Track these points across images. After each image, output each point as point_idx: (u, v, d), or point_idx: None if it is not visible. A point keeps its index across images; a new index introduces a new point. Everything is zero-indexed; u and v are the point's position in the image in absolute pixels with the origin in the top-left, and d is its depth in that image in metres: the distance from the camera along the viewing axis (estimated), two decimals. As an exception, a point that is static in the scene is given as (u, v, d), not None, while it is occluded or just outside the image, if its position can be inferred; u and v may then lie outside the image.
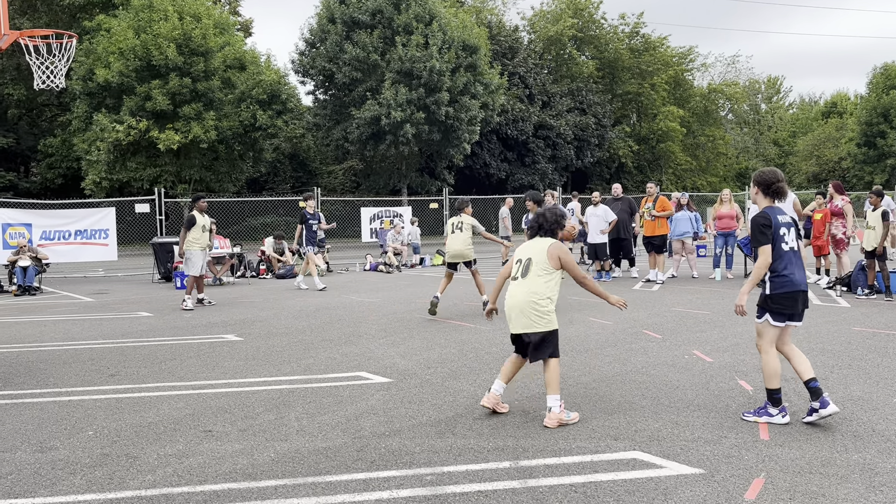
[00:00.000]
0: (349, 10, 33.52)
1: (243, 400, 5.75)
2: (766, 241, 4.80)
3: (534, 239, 5.27)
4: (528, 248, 5.20)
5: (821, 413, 4.68)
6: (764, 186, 4.95)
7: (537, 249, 5.12)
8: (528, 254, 5.14)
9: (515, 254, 5.27)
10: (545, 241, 5.16)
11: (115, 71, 28.43)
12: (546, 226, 5.22)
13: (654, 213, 13.68)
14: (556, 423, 4.86)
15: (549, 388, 4.94)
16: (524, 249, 5.22)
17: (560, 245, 5.14)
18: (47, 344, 8.55)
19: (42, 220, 18.05)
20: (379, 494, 3.81)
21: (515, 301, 5.05)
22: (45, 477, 4.16)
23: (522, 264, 5.13)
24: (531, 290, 5.00)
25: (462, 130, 34.08)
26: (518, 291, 5.06)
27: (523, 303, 5.00)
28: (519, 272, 5.13)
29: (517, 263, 5.18)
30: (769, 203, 4.96)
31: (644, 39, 50.65)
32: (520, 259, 5.19)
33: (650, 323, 8.94)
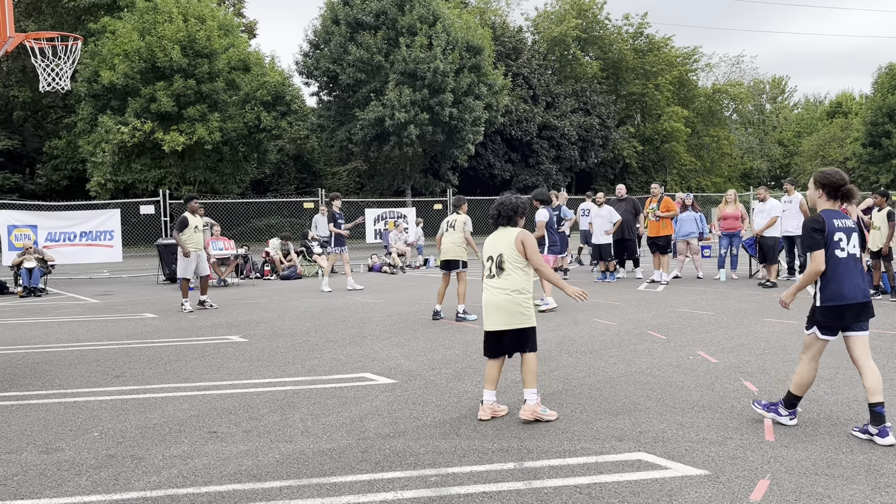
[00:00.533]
0: (353, 11, 33.55)
1: (248, 401, 5.75)
2: (816, 247, 4.49)
3: (497, 231, 5.22)
4: (495, 242, 5.15)
5: (875, 441, 4.38)
6: (831, 189, 4.59)
7: (505, 242, 5.07)
8: (497, 249, 5.10)
9: (484, 249, 5.24)
10: (510, 231, 5.10)
11: (120, 73, 28.51)
12: (504, 212, 5.14)
13: (658, 213, 13.66)
14: (531, 416, 4.90)
15: (527, 382, 4.99)
16: (491, 244, 5.18)
17: (525, 232, 5.09)
18: (52, 345, 8.57)
19: (47, 222, 18.11)
20: (383, 496, 3.81)
21: (495, 299, 5.03)
22: (51, 478, 4.17)
23: (494, 262, 5.09)
24: (511, 286, 4.99)
25: (466, 131, 34.07)
26: (496, 289, 5.04)
27: (504, 301, 4.98)
28: (493, 269, 5.09)
29: (488, 260, 5.15)
30: (831, 206, 4.63)
31: (648, 40, 50.57)
32: (490, 256, 5.14)
33: (655, 324, 8.93)
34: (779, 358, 6.79)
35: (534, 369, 5.00)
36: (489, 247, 5.20)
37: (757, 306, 10.24)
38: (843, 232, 4.54)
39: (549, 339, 8.07)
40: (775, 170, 65.49)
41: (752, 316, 9.37)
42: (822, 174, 4.67)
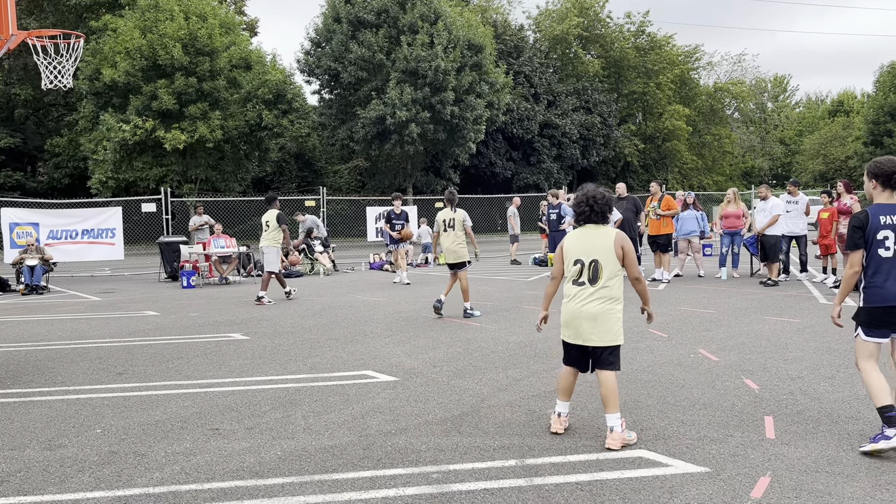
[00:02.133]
0: (354, 9, 33.53)
1: (250, 398, 5.77)
2: (853, 246, 4.31)
3: (585, 229, 4.60)
4: (586, 243, 4.54)
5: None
6: (884, 177, 4.31)
7: (602, 247, 4.47)
8: (592, 253, 4.49)
9: (567, 250, 4.61)
10: (605, 233, 4.53)
11: (122, 71, 28.51)
12: (598, 207, 4.53)
13: (659, 212, 13.66)
14: (619, 445, 4.36)
15: (609, 406, 4.43)
16: (580, 246, 4.55)
17: (623, 236, 4.55)
18: (55, 343, 8.59)
19: (49, 220, 18.14)
20: (385, 492, 3.82)
21: (588, 311, 4.46)
22: (54, 475, 4.18)
23: (588, 267, 4.50)
24: (608, 297, 4.46)
25: (467, 130, 34.06)
26: (590, 299, 4.46)
27: (599, 313, 4.44)
28: (586, 277, 4.50)
29: (577, 264, 4.53)
30: (888, 198, 4.35)
31: (650, 38, 50.52)
32: (580, 260, 4.52)
33: (656, 322, 8.93)
34: (780, 356, 6.79)
35: (615, 391, 4.45)
36: (577, 249, 4.56)
37: (758, 304, 10.25)
38: (891, 230, 4.25)
39: (550, 337, 8.08)
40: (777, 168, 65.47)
41: (752, 314, 9.37)
42: (873, 163, 4.42)
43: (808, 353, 6.88)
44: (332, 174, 42.85)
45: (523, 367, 6.60)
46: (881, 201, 4.35)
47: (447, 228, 9.72)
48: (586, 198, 4.56)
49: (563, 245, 4.66)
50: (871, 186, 4.39)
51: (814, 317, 9.06)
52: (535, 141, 42.60)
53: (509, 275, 16.05)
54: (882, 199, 4.36)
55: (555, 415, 4.73)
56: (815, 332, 8.02)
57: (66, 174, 35.82)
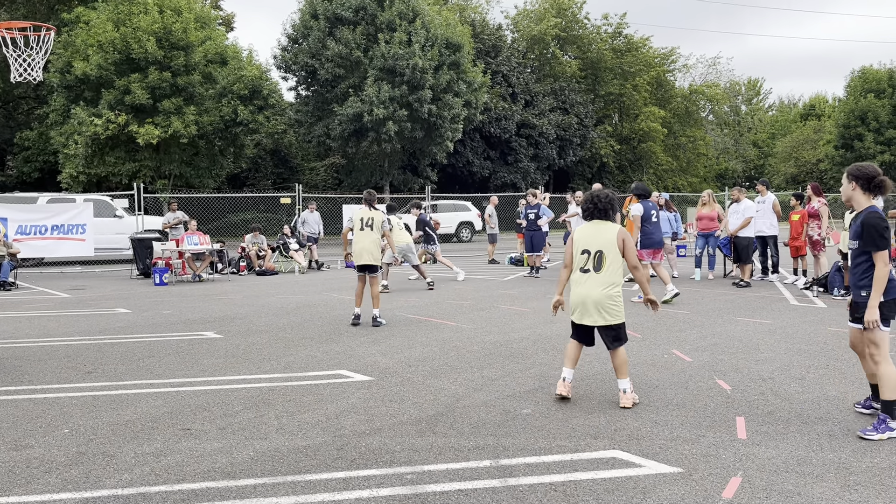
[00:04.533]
0: (332, 6, 33.31)
1: (222, 398, 5.70)
2: (885, 246, 4.51)
3: (592, 224, 5.32)
4: (593, 236, 5.25)
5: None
6: (865, 181, 4.59)
7: (606, 239, 5.19)
8: (597, 244, 5.20)
9: (577, 241, 5.30)
10: (609, 227, 5.24)
11: (94, 64, 28.02)
12: (602, 205, 5.28)
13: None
14: (631, 403, 5.18)
15: (620, 373, 5.24)
16: (588, 237, 5.27)
17: (625, 231, 5.22)
18: (22, 340, 8.42)
19: (18, 215, 17.77)
20: (359, 493, 3.80)
21: (593, 295, 5.17)
22: (20, 475, 4.10)
23: (593, 256, 5.20)
24: (609, 282, 5.16)
25: (445, 128, 34.02)
26: (594, 285, 5.18)
27: (602, 297, 5.16)
28: (591, 264, 5.21)
29: (584, 254, 5.24)
30: (868, 201, 4.63)
31: (627, 40, 50.85)
32: (587, 250, 5.24)
33: (630, 322, 8.98)
34: (752, 357, 6.87)
35: (625, 360, 5.26)
36: (585, 240, 5.28)
37: (731, 306, 10.36)
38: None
39: (525, 336, 8.10)
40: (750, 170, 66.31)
41: (725, 315, 9.48)
42: (855, 167, 4.69)
43: (779, 354, 6.97)
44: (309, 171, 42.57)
45: (498, 367, 6.61)
46: (869, 204, 4.60)
47: (364, 227, 9.14)
48: (592, 197, 5.32)
49: (574, 237, 5.37)
50: (851, 188, 4.64)
51: (785, 318, 9.18)
52: (512, 140, 42.69)
53: (486, 274, 16.06)
54: (868, 201, 4.61)
55: (560, 380, 5.42)
56: (786, 333, 8.13)
57: (36, 168, 35.13)
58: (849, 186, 4.66)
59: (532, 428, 4.82)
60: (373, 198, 9.44)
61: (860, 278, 4.64)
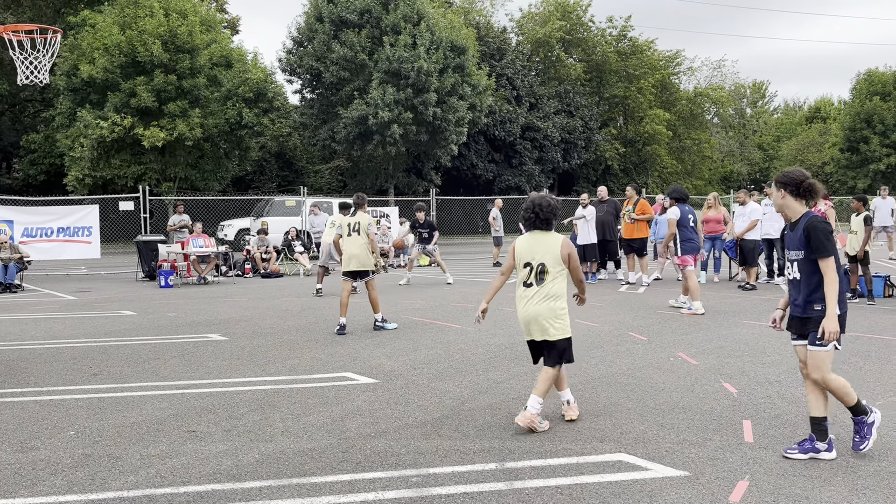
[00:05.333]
0: (337, 9, 33.38)
1: (228, 400, 5.70)
2: (833, 250, 4.15)
3: (533, 234, 4.95)
4: (534, 247, 4.89)
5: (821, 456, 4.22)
6: (794, 187, 4.28)
7: (548, 252, 4.84)
8: (539, 257, 4.85)
9: (519, 253, 4.95)
10: (552, 238, 4.88)
11: (100, 67, 28.12)
12: (543, 215, 4.87)
13: (633, 216, 13.73)
14: (526, 424, 4.71)
15: (538, 388, 4.81)
16: (529, 249, 4.91)
17: (569, 242, 4.89)
18: (28, 342, 8.44)
19: (24, 217, 17.84)
20: (364, 496, 3.79)
21: (534, 311, 4.84)
22: (26, 477, 4.10)
23: (535, 270, 4.85)
24: (550, 295, 4.82)
25: (449, 131, 34.03)
26: (536, 299, 4.84)
27: (544, 311, 4.82)
28: (533, 278, 4.86)
29: (526, 267, 4.89)
30: (803, 206, 4.31)
31: (631, 43, 50.82)
32: (528, 263, 4.88)
33: (636, 325, 8.97)
34: (758, 360, 6.85)
35: (550, 379, 4.84)
36: (527, 252, 4.91)
37: (736, 309, 10.33)
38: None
39: (530, 339, 8.09)
40: (755, 173, 66.17)
41: (731, 318, 9.45)
42: (781, 173, 4.39)
43: (786, 357, 6.94)
44: (314, 174, 42.60)
45: (504, 370, 6.59)
46: (804, 210, 4.28)
47: (352, 233, 9.01)
48: (533, 205, 4.91)
49: (515, 248, 5.02)
50: (781, 196, 4.32)
51: (791, 321, 9.14)
52: (516, 143, 42.69)
53: (491, 277, 16.05)
54: (801, 208, 4.29)
55: (564, 403, 5.14)
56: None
57: (42, 171, 35.24)
58: (778, 195, 4.34)
59: (536, 431, 4.80)
60: (363, 201, 9.31)
61: (812, 291, 4.21)
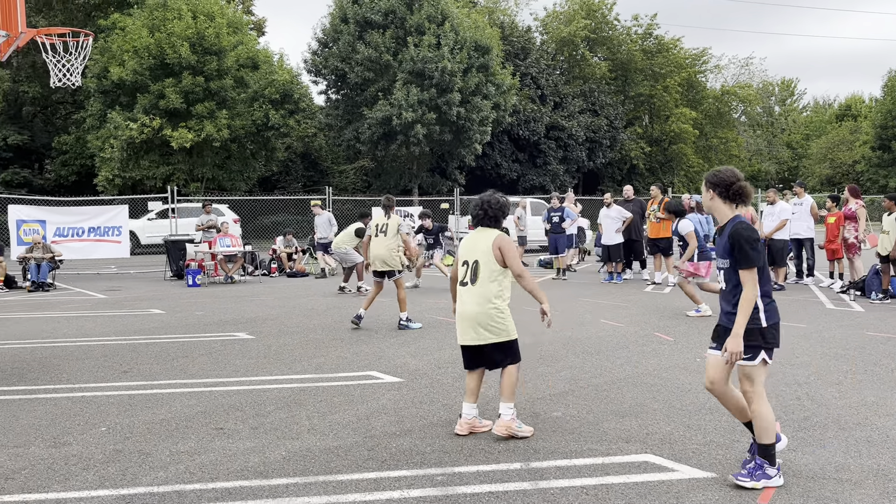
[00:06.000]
0: (362, 10, 33.55)
1: (255, 398, 5.76)
2: (756, 261, 3.82)
3: (476, 232, 4.78)
4: (472, 245, 4.71)
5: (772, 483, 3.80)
6: (723, 188, 3.96)
7: (482, 248, 4.62)
8: (474, 254, 4.65)
9: (460, 251, 4.78)
10: (488, 235, 4.67)
11: (130, 69, 28.57)
12: (492, 212, 4.71)
13: (658, 215, 13.62)
14: (504, 432, 4.56)
15: (503, 395, 4.62)
16: (468, 247, 4.73)
17: (503, 237, 4.67)
18: (60, 340, 8.60)
19: (56, 217, 18.18)
20: (390, 494, 3.81)
21: (467, 311, 4.61)
22: (59, 472, 4.18)
23: (470, 267, 4.64)
24: (484, 296, 4.57)
25: (473, 131, 34.04)
26: (469, 300, 4.60)
27: (478, 313, 4.57)
28: (468, 276, 4.64)
29: (463, 265, 4.69)
30: (732, 210, 3.99)
31: (657, 41, 50.41)
32: (465, 261, 4.69)
33: (662, 325, 8.90)
34: (786, 361, 6.76)
35: (513, 383, 4.62)
36: (465, 250, 4.75)
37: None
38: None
39: (555, 339, 8.06)
40: (783, 172, 65.25)
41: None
42: (711, 172, 4.06)
43: (815, 359, 6.84)
44: (338, 174, 42.87)
45: (528, 370, 6.58)
46: (733, 214, 3.97)
47: (378, 234, 9.17)
48: (482, 202, 4.77)
49: (459, 245, 4.86)
50: (709, 197, 4.02)
51: (821, 322, 9.01)
52: (541, 143, 42.57)
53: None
54: (729, 211, 3.98)
55: (459, 417, 4.80)
56: (821, 337, 7.98)
57: (73, 172, 35.88)
58: (707, 196, 4.04)
59: (563, 431, 4.79)
60: (391, 203, 9.43)
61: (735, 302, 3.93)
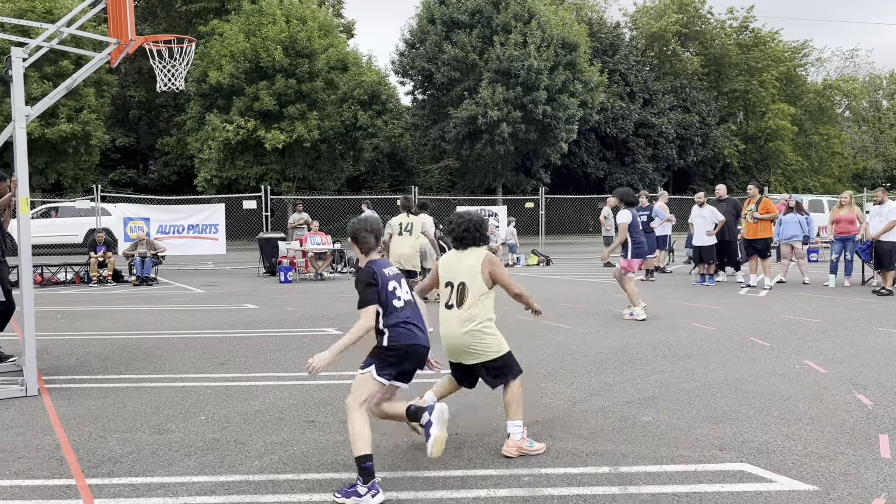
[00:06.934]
0: (449, 10, 33.78)
1: (344, 393, 5.87)
2: (371, 301, 4.33)
3: (458, 252, 4.63)
4: (456, 265, 4.56)
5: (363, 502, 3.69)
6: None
7: (469, 271, 4.47)
8: (459, 276, 4.50)
9: (441, 272, 4.64)
10: (474, 256, 4.52)
11: (227, 73, 29.79)
12: (471, 234, 4.55)
13: (756, 215, 13.08)
14: (515, 453, 4.32)
15: (510, 414, 4.40)
16: (451, 268, 4.58)
17: (491, 257, 4.53)
18: (163, 332, 9.06)
19: (159, 215, 19.18)
20: (476, 492, 3.82)
21: (455, 336, 4.47)
22: (163, 458, 4.41)
23: (455, 290, 4.49)
24: (470, 319, 4.42)
25: (559, 129, 33.69)
26: (455, 324, 4.45)
27: (465, 337, 4.42)
28: (453, 299, 4.49)
29: (448, 286, 4.55)
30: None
31: (753, 34, 48.47)
32: (449, 282, 4.54)
33: (757, 330, 8.55)
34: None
35: (517, 398, 4.41)
36: (448, 271, 4.59)
37: (870, 315, 9.65)
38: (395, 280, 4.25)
39: (645, 342, 7.88)
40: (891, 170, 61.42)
41: (864, 325, 8.83)
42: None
43: (928, 369, 6.41)
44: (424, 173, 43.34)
45: (616, 373, 6.46)
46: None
47: (402, 232, 8.99)
48: (461, 222, 4.57)
49: (439, 265, 4.70)
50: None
51: (934, 330, 8.44)
52: (629, 140, 41.71)
53: (601, 277, 15.75)
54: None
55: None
56: (935, 346, 7.47)
57: (174, 172, 37.76)
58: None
59: (653, 436, 4.68)
60: (410, 204, 9.35)
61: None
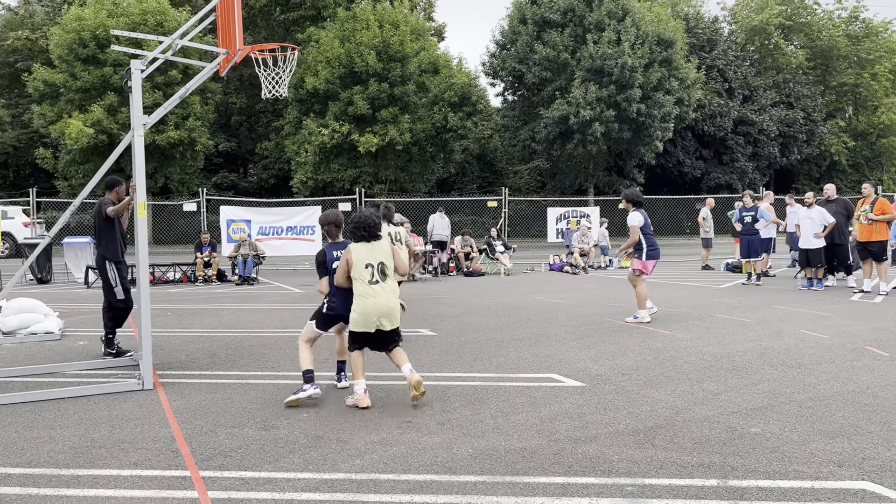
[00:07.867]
0: (540, 10, 33.50)
1: (440, 394, 5.93)
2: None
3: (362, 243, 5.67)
4: (371, 251, 5.65)
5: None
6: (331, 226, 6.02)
7: (385, 252, 5.71)
8: (378, 257, 5.65)
9: (356, 259, 5.61)
10: (383, 244, 5.74)
11: (322, 79, 30.64)
12: (372, 231, 5.69)
13: (870, 216, 12.29)
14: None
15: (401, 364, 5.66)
16: (367, 254, 5.64)
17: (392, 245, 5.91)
18: (265, 330, 9.39)
19: (259, 217, 19.95)
20: (578, 500, 3.76)
21: (387, 304, 5.59)
22: (269, 453, 4.56)
23: (376, 269, 5.62)
24: (394, 291, 5.69)
25: (654, 128, 32.81)
26: (386, 294, 5.60)
27: (392, 305, 5.62)
28: (376, 276, 5.61)
29: (367, 268, 5.60)
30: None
31: (864, 24, 45.67)
32: (370, 263, 5.62)
33: (873, 339, 8.05)
34: None
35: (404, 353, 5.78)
36: (365, 256, 5.64)
37: None
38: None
39: (749, 349, 7.56)
40: None
41: None
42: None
43: None
44: (513, 174, 43.17)
45: (720, 381, 6.22)
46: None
47: (394, 242, 8.82)
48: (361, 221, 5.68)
49: (350, 255, 5.67)
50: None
51: None
52: (728, 138, 40.17)
53: (700, 280, 15.24)
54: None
55: (362, 392, 5.65)
56: None
57: (273, 175, 39.13)
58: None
59: (763, 449, 4.47)
60: (391, 213, 9.38)
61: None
